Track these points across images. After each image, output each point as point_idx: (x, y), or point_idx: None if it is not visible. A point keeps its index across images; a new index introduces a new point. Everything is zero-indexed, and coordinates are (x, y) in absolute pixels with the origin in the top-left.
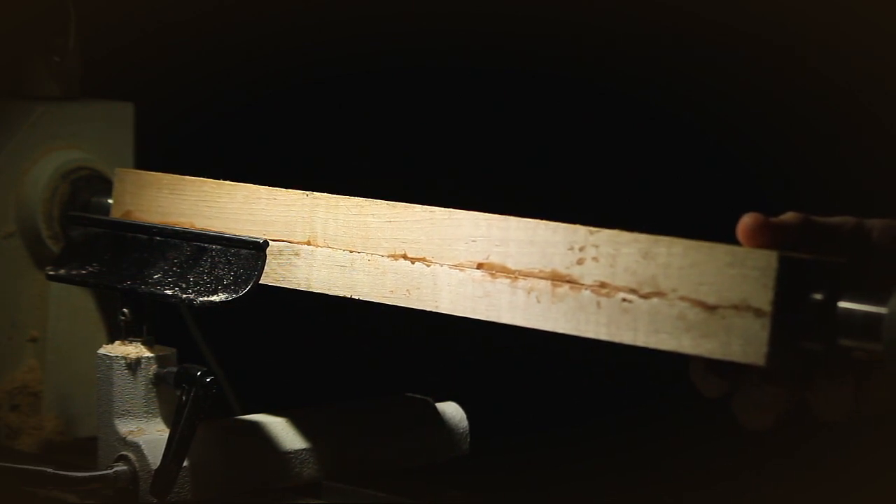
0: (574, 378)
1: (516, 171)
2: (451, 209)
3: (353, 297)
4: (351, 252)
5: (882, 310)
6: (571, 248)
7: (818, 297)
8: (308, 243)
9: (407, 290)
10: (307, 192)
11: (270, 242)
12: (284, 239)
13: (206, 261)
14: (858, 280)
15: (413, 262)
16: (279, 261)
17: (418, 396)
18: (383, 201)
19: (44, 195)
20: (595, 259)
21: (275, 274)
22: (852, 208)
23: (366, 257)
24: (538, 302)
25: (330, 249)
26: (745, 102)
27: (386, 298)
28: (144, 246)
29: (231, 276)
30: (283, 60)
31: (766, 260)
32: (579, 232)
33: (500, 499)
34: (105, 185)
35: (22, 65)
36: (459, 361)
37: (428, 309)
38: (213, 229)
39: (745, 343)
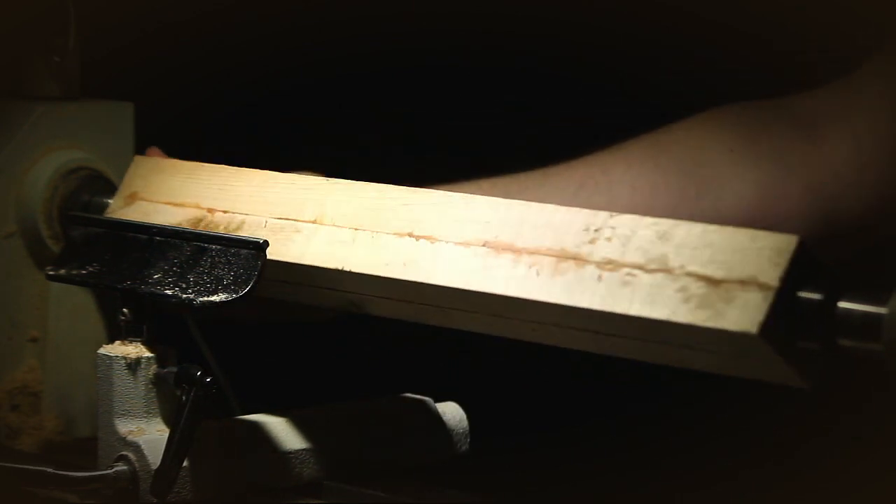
0: (574, 378)
1: (516, 171)
2: (470, 195)
3: (344, 268)
4: (356, 230)
5: (882, 310)
6: (587, 230)
7: (818, 296)
8: (314, 222)
9: (404, 262)
10: (328, 178)
11: (273, 220)
12: (290, 217)
13: (206, 261)
14: (858, 280)
15: (417, 239)
16: (278, 237)
17: (418, 396)
18: (404, 187)
19: (44, 195)
20: (608, 239)
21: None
22: None
23: (370, 234)
24: (537, 275)
25: (335, 228)
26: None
27: (379, 270)
28: (144, 246)
29: (231, 276)
30: (283, 60)
31: (786, 242)
32: (600, 216)
33: (500, 499)
34: (105, 185)
35: (22, 65)
36: (459, 361)
37: (420, 280)
38: (218, 209)
39: (741, 312)
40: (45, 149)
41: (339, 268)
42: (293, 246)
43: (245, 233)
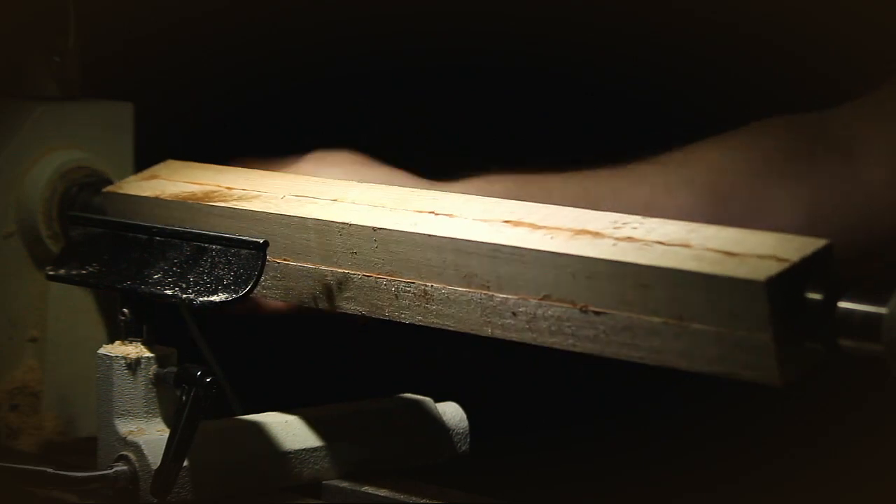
0: (575, 378)
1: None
2: (514, 201)
3: (348, 222)
4: (374, 206)
5: (882, 310)
6: (615, 222)
7: (818, 296)
8: (334, 200)
9: (415, 223)
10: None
11: (291, 196)
12: (310, 195)
13: (206, 261)
14: (857, 280)
15: (437, 215)
16: (290, 204)
17: (418, 396)
18: (439, 191)
19: (43, 195)
20: (635, 228)
21: (275, 206)
22: None
23: (388, 209)
24: (551, 239)
25: (353, 204)
26: (745, 102)
27: (384, 224)
28: (144, 246)
29: (231, 276)
30: (283, 60)
31: (814, 241)
32: (632, 217)
33: (500, 499)
34: (105, 185)
35: (22, 65)
36: (460, 361)
37: (426, 232)
38: (237, 188)
39: (751, 269)
40: (44, 149)
41: (344, 221)
42: (303, 209)
43: (259, 202)
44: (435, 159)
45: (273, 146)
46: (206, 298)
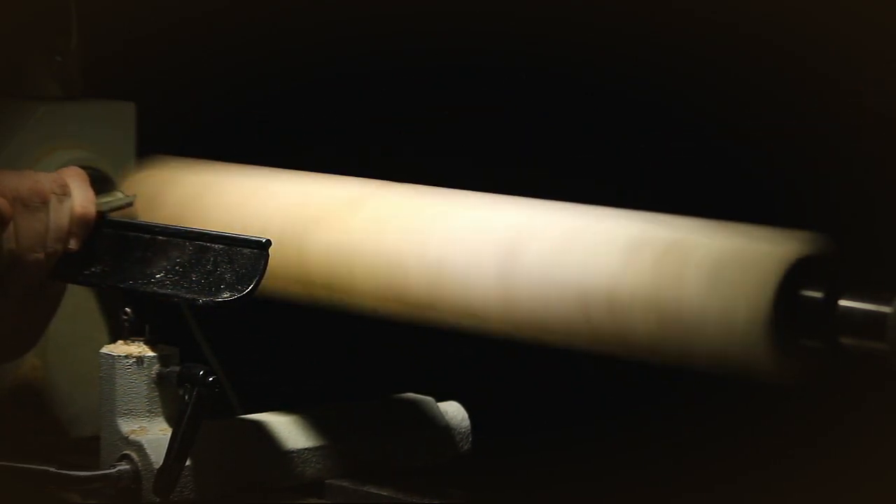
0: (575, 378)
1: (515, 174)
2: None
3: None
4: None
5: (886, 308)
6: None
7: (819, 294)
8: None
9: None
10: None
11: None
12: None
13: (208, 260)
14: (859, 278)
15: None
16: None
17: (420, 396)
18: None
19: None
20: None
21: None
22: (852, 208)
23: None
24: None
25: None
26: (745, 102)
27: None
28: (147, 245)
29: (233, 275)
30: (284, 60)
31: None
32: None
33: (501, 498)
34: (107, 185)
35: (24, 65)
36: (461, 361)
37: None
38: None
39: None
40: (46, 148)
41: None
42: None
43: None
44: (435, 159)
45: (273, 146)
46: (208, 298)
